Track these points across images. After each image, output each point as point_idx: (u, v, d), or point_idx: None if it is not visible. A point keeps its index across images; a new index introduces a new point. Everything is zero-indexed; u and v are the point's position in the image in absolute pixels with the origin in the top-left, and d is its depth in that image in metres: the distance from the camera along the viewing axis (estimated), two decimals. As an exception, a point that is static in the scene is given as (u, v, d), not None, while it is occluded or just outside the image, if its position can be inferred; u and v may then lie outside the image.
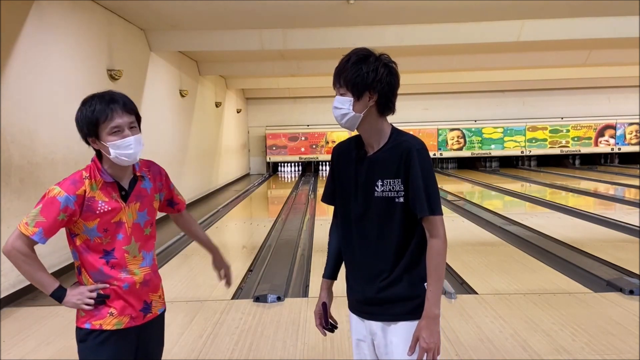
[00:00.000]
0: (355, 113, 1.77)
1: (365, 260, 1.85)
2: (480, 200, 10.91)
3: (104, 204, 1.86)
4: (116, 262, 1.89)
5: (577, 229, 7.18)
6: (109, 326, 1.89)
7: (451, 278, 4.96)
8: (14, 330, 3.92)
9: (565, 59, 11.46)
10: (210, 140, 13.06)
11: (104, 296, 1.89)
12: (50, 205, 1.81)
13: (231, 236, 8.02)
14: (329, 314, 2.02)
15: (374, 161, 1.81)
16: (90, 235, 1.87)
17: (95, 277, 1.89)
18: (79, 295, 1.87)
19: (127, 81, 7.36)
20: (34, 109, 5.09)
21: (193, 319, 4.07)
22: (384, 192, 1.78)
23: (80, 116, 1.87)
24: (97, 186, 1.87)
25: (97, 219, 1.85)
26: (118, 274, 1.89)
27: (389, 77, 1.77)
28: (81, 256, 1.89)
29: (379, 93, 1.76)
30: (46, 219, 1.80)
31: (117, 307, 1.90)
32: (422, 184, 1.74)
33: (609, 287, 4.55)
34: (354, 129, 1.83)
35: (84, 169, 1.90)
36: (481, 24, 8.32)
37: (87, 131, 1.86)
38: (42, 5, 5.34)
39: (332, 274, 2.03)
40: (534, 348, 3.36)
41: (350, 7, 7.07)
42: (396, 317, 1.81)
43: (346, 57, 1.79)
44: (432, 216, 1.76)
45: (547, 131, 18.03)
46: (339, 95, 1.79)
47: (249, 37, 8.56)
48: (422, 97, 17.71)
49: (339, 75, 1.78)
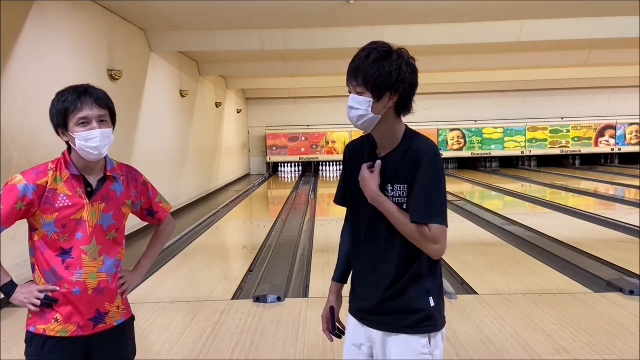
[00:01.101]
0: (373, 114, 1.64)
1: (371, 266, 1.76)
2: (480, 200, 10.90)
3: (65, 198, 1.81)
4: (72, 261, 1.81)
5: (577, 229, 7.18)
6: (52, 332, 1.81)
7: (451, 278, 4.96)
8: (14, 330, 3.92)
9: (565, 59, 11.46)
10: (210, 140, 13.06)
11: (51, 299, 1.81)
12: (9, 192, 1.77)
13: (231, 236, 8.02)
14: (336, 318, 1.93)
15: (385, 164, 1.70)
16: (48, 230, 1.80)
17: (47, 277, 1.82)
18: (27, 293, 1.81)
19: (127, 81, 7.36)
20: (34, 109, 5.09)
21: (193, 319, 4.07)
22: (394, 197, 1.68)
23: (52, 106, 1.85)
24: (62, 179, 1.82)
25: (55, 212, 1.79)
26: (70, 275, 1.81)
27: (411, 76, 1.65)
28: (36, 252, 1.83)
29: (400, 93, 1.64)
30: (3, 206, 1.76)
31: (63, 313, 1.82)
32: (424, 188, 1.62)
33: (609, 287, 4.55)
34: (370, 130, 1.71)
35: (52, 160, 1.86)
36: (481, 24, 8.32)
37: (57, 121, 1.83)
38: (42, 5, 5.35)
39: (342, 277, 1.93)
40: (534, 348, 3.36)
41: (350, 7, 7.06)
42: (397, 328, 1.72)
43: (364, 52, 1.63)
44: (432, 224, 1.61)
45: (547, 131, 18.03)
46: (355, 94, 1.65)
47: (249, 37, 8.56)
48: (422, 97, 17.41)
49: (356, 72, 1.63)
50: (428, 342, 1.72)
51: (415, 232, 1.63)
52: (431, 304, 1.72)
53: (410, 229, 1.64)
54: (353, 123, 1.70)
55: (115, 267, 1.91)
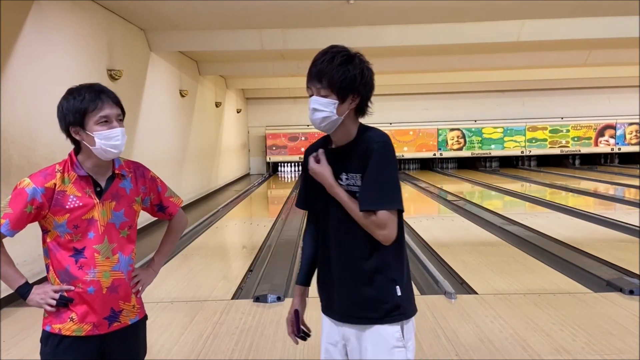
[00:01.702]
0: (337, 116, 1.70)
1: (337, 261, 1.78)
2: (480, 200, 10.91)
3: (75, 199, 1.80)
4: (85, 261, 1.81)
5: (577, 229, 7.18)
6: (68, 332, 1.81)
7: (451, 278, 4.96)
8: (14, 330, 3.92)
9: (565, 59, 11.47)
10: (210, 140, 13.06)
11: (67, 299, 1.81)
12: (18, 196, 1.77)
13: (231, 236, 8.02)
14: (301, 321, 1.96)
15: (337, 154, 1.76)
16: (60, 231, 1.80)
17: (62, 277, 1.82)
18: (43, 294, 1.80)
19: (127, 81, 7.37)
20: (34, 109, 5.09)
21: (193, 319, 4.07)
22: (349, 185, 1.72)
23: (66, 104, 1.81)
24: (70, 180, 1.81)
25: (66, 214, 1.79)
26: (85, 275, 1.81)
27: (372, 80, 1.73)
28: (51, 253, 1.83)
29: (362, 96, 1.71)
30: (13, 210, 1.76)
31: (79, 313, 1.82)
32: (373, 177, 1.66)
33: (609, 287, 4.55)
34: (331, 132, 1.77)
35: (59, 162, 1.84)
36: (481, 24, 8.32)
37: (73, 120, 1.79)
38: (42, 5, 5.35)
39: (306, 280, 1.96)
40: (534, 348, 3.36)
41: (350, 7, 7.07)
42: (368, 320, 1.74)
43: (326, 55, 1.69)
44: (379, 211, 1.64)
45: (547, 131, 18.03)
46: (319, 97, 1.69)
47: (249, 37, 8.56)
48: (422, 97, 17.72)
49: (320, 75, 1.68)
50: (401, 334, 1.74)
51: (365, 220, 1.67)
52: (398, 293, 1.74)
53: (360, 216, 1.68)
54: (316, 125, 1.75)
55: (129, 265, 1.92)
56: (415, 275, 5.14)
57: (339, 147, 1.77)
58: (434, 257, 5.80)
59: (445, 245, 6.34)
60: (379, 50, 10.04)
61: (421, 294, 4.49)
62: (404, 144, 17.87)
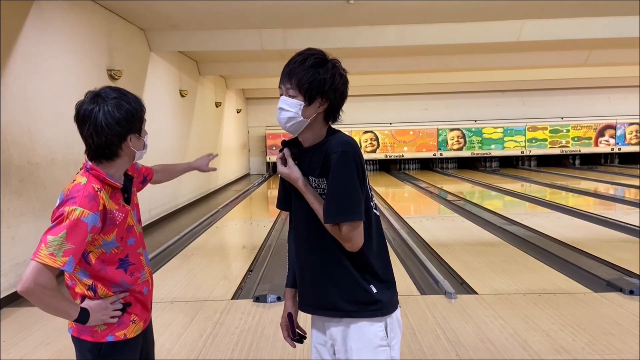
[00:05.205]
0: (303, 118, 1.69)
1: (313, 261, 1.79)
2: (480, 200, 10.90)
3: (118, 213, 1.75)
4: (134, 267, 1.81)
5: (577, 229, 7.18)
6: (132, 333, 1.81)
7: (451, 278, 4.96)
8: (14, 330, 3.92)
9: (565, 59, 11.46)
10: (210, 140, 13.06)
11: (127, 304, 1.80)
12: (75, 228, 1.60)
13: (231, 236, 8.02)
14: (295, 324, 1.95)
15: (306, 155, 1.77)
16: (107, 249, 1.73)
17: (117, 290, 1.78)
18: (103, 310, 1.73)
19: (127, 81, 7.36)
20: (34, 109, 5.09)
21: (193, 319, 4.07)
22: (316, 188, 1.74)
23: (124, 111, 1.69)
24: (108, 195, 1.72)
25: (115, 229, 1.73)
26: (137, 280, 1.82)
27: (343, 87, 1.71)
28: (96, 274, 1.73)
29: (330, 101, 1.70)
30: (74, 245, 1.59)
31: (138, 313, 1.84)
32: (331, 190, 1.66)
33: (609, 287, 4.55)
34: (297, 134, 1.77)
35: (88, 181, 1.70)
36: (481, 24, 8.32)
37: (132, 127, 1.71)
38: (42, 5, 5.35)
39: (294, 282, 1.93)
40: (534, 348, 3.36)
41: (350, 7, 7.07)
42: (346, 314, 1.73)
43: (300, 57, 1.69)
44: (342, 225, 1.64)
45: (547, 131, 18.03)
46: (286, 97, 1.70)
47: (249, 37, 8.56)
48: (421, 97, 17.73)
49: (290, 75, 1.68)
50: (385, 332, 1.74)
51: (331, 230, 1.69)
52: (374, 290, 1.73)
53: (327, 226, 1.70)
54: (282, 125, 1.75)
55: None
56: (415, 275, 5.14)
57: (306, 149, 1.78)
58: (434, 257, 5.80)
59: (445, 245, 6.34)
60: (379, 50, 10.04)
61: (421, 294, 4.49)
62: (404, 144, 17.87)
